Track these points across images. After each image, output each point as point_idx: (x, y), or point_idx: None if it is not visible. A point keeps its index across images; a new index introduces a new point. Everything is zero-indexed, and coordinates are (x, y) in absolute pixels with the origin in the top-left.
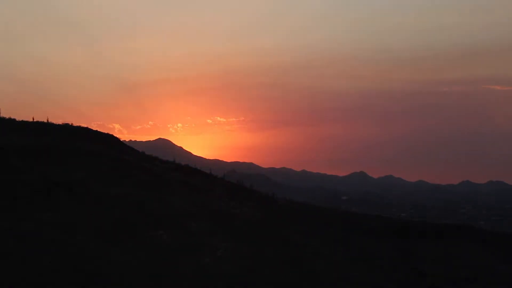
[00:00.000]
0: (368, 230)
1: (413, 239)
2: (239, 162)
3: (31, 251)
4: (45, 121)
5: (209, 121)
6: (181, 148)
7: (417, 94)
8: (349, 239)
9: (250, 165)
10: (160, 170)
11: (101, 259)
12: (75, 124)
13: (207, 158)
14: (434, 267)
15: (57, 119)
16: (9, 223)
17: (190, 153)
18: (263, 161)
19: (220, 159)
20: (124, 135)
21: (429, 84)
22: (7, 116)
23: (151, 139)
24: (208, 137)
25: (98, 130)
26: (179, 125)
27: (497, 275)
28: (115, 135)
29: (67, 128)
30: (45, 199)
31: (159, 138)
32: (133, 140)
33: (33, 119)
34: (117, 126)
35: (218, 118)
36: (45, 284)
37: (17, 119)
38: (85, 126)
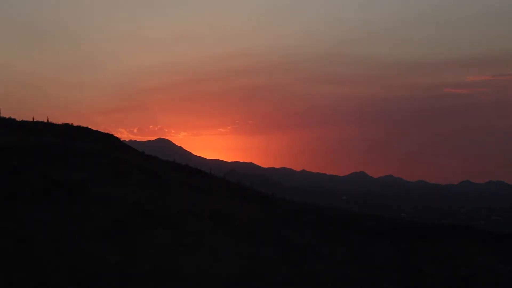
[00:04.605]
0: (368, 230)
1: (413, 239)
2: (239, 162)
3: (31, 251)
4: (45, 121)
5: (208, 123)
6: (181, 148)
7: (417, 96)
8: (349, 239)
9: (250, 165)
10: (160, 170)
11: (101, 259)
12: (75, 124)
13: (207, 158)
14: (434, 267)
15: (57, 119)
16: (9, 223)
17: (190, 153)
18: (263, 161)
19: (220, 159)
20: (124, 135)
21: (428, 86)
22: (7, 116)
23: (151, 139)
24: (207, 138)
25: (98, 130)
26: (179, 131)
27: (497, 275)
28: (115, 135)
29: (67, 128)
30: (45, 199)
31: (159, 138)
32: (133, 140)
33: (33, 119)
34: (117, 127)
35: (218, 121)
36: (45, 284)
37: (17, 119)
38: (85, 126)
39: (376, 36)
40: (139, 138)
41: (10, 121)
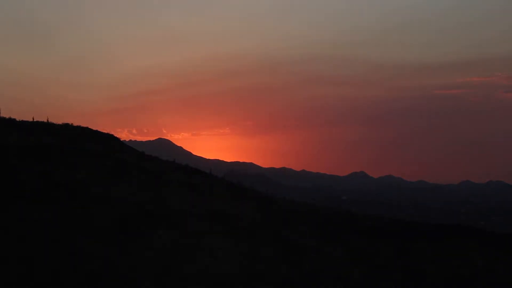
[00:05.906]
0: (368, 230)
1: (413, 239)
2: (239, 162)
3: (31, 251)
4: (45, 121)
5: (208, 124)
6: (181, 148)
7: (417, 96)
8: (349, 239)
9: (250, 165)
10: (160, 170)
11: (101, 259)
12: (75, 124)
13: (207, 158)
14: (434, 267)
15: (57, 119)
16: (9, 223)
17: (190, 153)
18: (263, 161)
19: (220, 159)
20: (124, 135)
21: (428, 87)
22: (7, 116)
23: (151, 139)
24: (207, 138)
25: (98, 130)
26: (179, 131)
27: (497, 275)
28: (115, 135)
29: (67, 128)
30: (45, 199)
31: (159, 138)
32: (133, 140)
33: (33, 119)
34: (117, 128)
35: (218, 121)
36: (45, 284)
37: (17, 119)
38: (85, 126)
39: (376, 38)
40: (139, 138)
41: (10, 121)
